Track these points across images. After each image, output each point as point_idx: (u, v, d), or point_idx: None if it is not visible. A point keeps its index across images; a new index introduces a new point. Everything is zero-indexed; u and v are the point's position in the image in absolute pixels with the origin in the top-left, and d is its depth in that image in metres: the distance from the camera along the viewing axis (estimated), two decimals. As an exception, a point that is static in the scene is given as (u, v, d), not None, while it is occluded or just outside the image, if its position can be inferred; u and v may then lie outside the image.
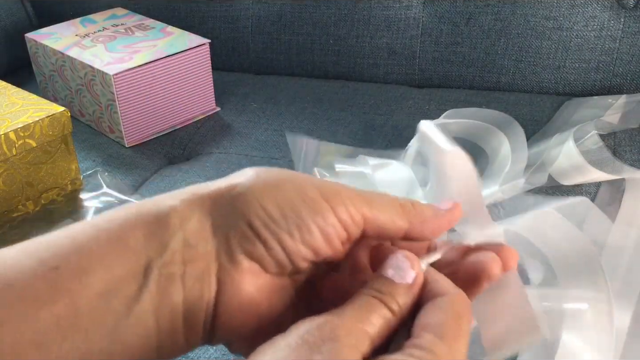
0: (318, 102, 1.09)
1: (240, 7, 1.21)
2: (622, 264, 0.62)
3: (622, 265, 0.62)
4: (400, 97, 1.09)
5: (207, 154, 0.99)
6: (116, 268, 0.32)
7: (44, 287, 0.31)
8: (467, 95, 1.08)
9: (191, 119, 1.07)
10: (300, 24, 1.18)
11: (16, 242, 0.32)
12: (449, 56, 1.11)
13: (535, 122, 0.98)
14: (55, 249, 0.32)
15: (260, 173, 0.35)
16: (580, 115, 0.95)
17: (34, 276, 0.31)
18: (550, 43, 1.06)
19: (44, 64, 1.09)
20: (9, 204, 0.85)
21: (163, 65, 1.00)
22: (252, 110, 1.09)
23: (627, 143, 0.90)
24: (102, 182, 0.91)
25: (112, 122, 1.01)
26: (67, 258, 0.32)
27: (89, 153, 0.99)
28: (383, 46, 1.14)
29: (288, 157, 0.95)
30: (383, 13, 1.13)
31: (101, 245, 0.32)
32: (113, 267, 0.32)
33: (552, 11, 1.05)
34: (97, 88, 0.99)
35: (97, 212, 0.86)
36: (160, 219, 0.34)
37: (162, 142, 1.02)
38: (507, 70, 1.09)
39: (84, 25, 1.12)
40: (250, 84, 1.17)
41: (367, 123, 1.02)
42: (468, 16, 1.09)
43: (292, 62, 1.20)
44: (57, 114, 0.85)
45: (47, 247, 0.32)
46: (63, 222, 0.84)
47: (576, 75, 1.06)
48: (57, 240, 0.32)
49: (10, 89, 0.92)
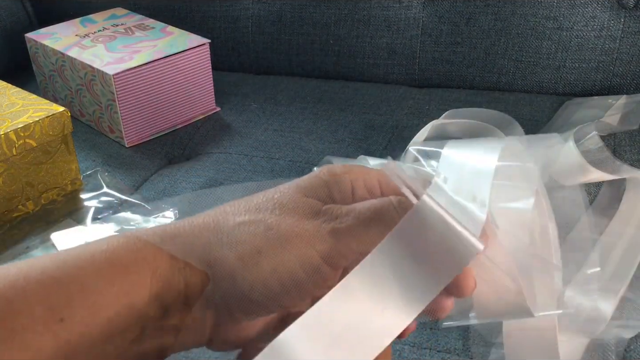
0: (318, 102, 1.09)
1: (240, 7, 1.21)
2: (614, 259, 0.62)
3: (614, 261, 0.62)
4: (400, 97, 1.09)
5: (207, 154, 0.99)
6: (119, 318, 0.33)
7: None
8: (467, 95, 1.08)
9: (191, 119, 1.07)
10: (300, 24, 1.18)
11: (16, 242, 0.32)
12: (449, 56, 1.11)
13: (535, 122, 0.98)
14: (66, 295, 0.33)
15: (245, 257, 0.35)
16: (580, 115, 0.95)
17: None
18: (550, 43, 1.06)
19: (44, 64, 1.09)
20: (9, 204, 0.85)
21: (163, 65, 1.00)
22: (252, 110, 1.09)
23: (627, 143, 0.90)
24: (102, 182, 0.91)
25: (112, 122, 1.01)
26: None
27: (89, 153, 0.99)
28: (383, 46, 1.14)
29: (288, 157, 0.95)
30: (383, 13, 1.13)
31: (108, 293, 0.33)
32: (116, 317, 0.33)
33: (552, 11, 1.05)
34: (97, 88, 0.99)
35: (97, 212, 0.86)
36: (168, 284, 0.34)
37: (162, 142, 1.02)
38: (507, 70, 1.09)
39: (84, 25, 1.12)
40: (250, 84, 1.17)
41: (367, 123, 1.02)
42: (468, 16, 1.09)
43: (292, 62, 1.20)
44: (57, 114, 0.85)
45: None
46: (63, 222, 0.84)
47: (576, 75, 1.06)
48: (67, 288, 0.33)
49: (10, 89, 0.92)
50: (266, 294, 0.33)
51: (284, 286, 0.33)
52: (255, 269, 0.33)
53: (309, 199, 0.35)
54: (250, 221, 0.35)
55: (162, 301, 0.34)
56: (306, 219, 0.34)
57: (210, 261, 0.34)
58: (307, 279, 0.33)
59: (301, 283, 0.33)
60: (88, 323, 0.32)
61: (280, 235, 0.34)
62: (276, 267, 0.33)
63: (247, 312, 0.34)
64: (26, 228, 0.83)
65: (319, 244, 0.34)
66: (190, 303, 0.34)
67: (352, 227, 0.34)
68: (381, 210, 0.34)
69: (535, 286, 0.38)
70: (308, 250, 0.34)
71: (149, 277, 0.34)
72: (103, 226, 0.82)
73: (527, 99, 1.05)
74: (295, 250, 0.34)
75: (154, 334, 0.34)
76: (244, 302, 0.34)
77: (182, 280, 0.34)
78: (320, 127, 1.02)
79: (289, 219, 0.34)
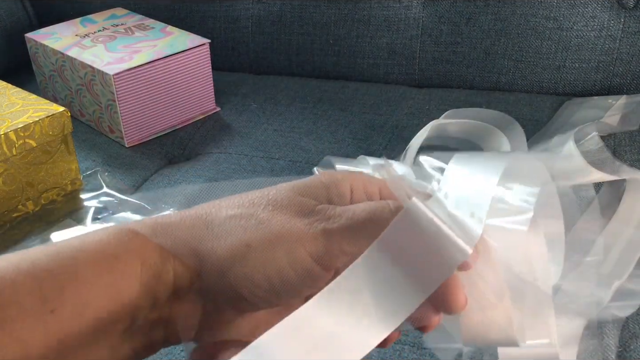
0: (318, 102, 1.09)
1: (240, 7, 1.21)
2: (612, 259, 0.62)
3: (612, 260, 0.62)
4: (400, 97, 1.09)
5: (207, 154, 0.99)
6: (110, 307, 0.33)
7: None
8: (467, 95, 1.08)
9: (191, 119, 1.07)
10: (300, 24, 1.18)
11: (16, 242, 0.32)
12: (449, 56, 1.11)
13: (535, 122, 0.98)
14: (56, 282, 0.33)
15: (252, 243, 0.34)
16: (580, 115, 0.96)
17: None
18: (550, 43, 1.06)
19: (44, 64, 1.09)
20: (9, 204, 0.85)
21: (163, 65, 1.00)
22: (252, 110, 1.09)
23: (627, 143, 0.90)
24: (102, 182, 0.91)
25: (112, 122, 1.01)
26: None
27: (89, 153, 0.99)
28: (383, 46, 1.14)
29: (288, 158, 0.95)
30: (383, 13, 1.13)
31: (99, 286, 0.33)
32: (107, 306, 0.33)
33: (552, 11, 1.05)
34: (97, 88, 0.99)
35: (97, 212, 0.86)
36: (158, 275, 0.34)
37: (162, 142, 1.02)
38: (507, 70, 1.09)
39: (84, 25, 1.12)
40: (250, 84, 1.17)
41: (367, 123, 1.02)
42: (468, 16, 1.09)
43: (292, 62, 1.20)
44: (57, 114, 0.85)
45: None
46: (63, 222, 0.84)
47: (576, 75, 1.06)
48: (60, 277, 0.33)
49: (10, 89, 0.92)
50: (253, 290, 0.33)
51: (271, 283, 0.33)
52: (244, 263, 0.33)
53: (304, 198, 0.35)
54: (242, 215, 0.35)
55: (152, 292, 0.34)
56: (298, 217, 0.34)
57: (199, 253, 0.34)
58: (296, 278, 0.33)
59: (289, 281, 0.33)
60: (79, 313, 0.32)
61: (270, 231, 0.34)
62: (265, 263, 0.33)
63: (235, 307, 0.34)
64: (26, 228, 0.83)
65: (309, 243, 0.33)
66: (179, 295, 0.34)
67: (345, 228, 0.33)
68: (376, 212, 0.33)
69: (526, 315, 0.37)
70: (298, 249, 0.33)
71: (139, 267, 0.33)
72: (103, 226, 0.82)
73: (527, 99, 1.05)
74: (285, 247, 0.33)
75: (144, 326, 0.34)
76: (232, 297, 0.33)
77: (171, 272, 0.34)
78: (320, 127, 1.02)
79: (281, 216, 0.34)
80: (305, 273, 0.33)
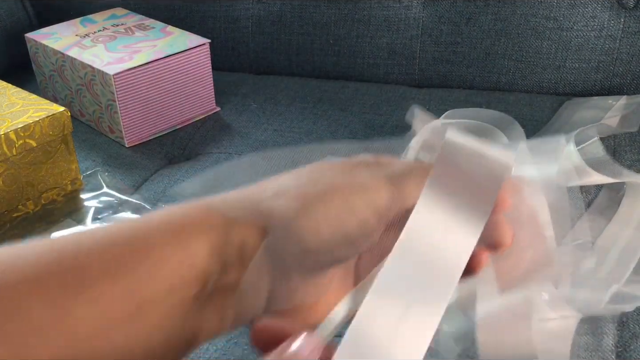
0: (318, 102, 1.09)
1: (240, 7, 1.21)
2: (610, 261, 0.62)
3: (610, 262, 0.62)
4: (400, 97, 1.09)
5: (207, 154, 0.99)
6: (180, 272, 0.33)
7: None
8: (467, 95, 1.08)
9: (191, 119, 1.07)
10: (300, 24, 1.18)
11: (16, 242, 0.33)
12: (449, 56, 1.11)
13: (535, 122, 0.98)
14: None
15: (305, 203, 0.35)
16: (580, 115, 0.96)
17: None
18: (550, 43, 1.06)
19: (44, 64, 1.09)
20: (9, 204, 0.85)
21: (163, 65, 1.00)
22: (252, 110, 1.09)
23: (626, 144, 0.90)
24: (102, 182, 0.91)
25: (112, 122, 1.01)
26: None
27: (89, 153, 0.99)
28: (383, 46, 1.14)
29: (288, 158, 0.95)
30: (383, 13, 1.13)
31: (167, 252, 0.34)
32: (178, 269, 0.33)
33: (552, 11, 1.05)
34: (97, 88, 0.99)
35: (97, 212, 0.86)
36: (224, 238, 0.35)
37: (162, 142, 1.02)
38: (507, 70, 1.09)
39: (84, 25, 1.12)
40: (250, 84, 1.17)
41: (367, 123, 1.02)
42: (468, 16, 1.09)
43: (292, 62, 1.20)
44: (57, 114, 0.85)
45: None
46: (63, 222, 0.84)
47: (576, 75, 1.06)
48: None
49: (10, 89, 0.92)
50: (317, 242, 0.33)
51: (333, 235, 0.33)
52: (309, 214, 0.33)
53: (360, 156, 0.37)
54: (298, 175, 0.36)
55: (220, 254, 0.34)
56: (363, 169, 0.36)
57: (263, 212, 0.34)
58: (376, 224, 0.34)
59: (370, 228, 0.34)
60: (153, 275, 0.33)
61: (342, 183, 0.34)
62: (328, 213, 0.33)
63: (301, 266, 0.34)
64: (26, 228, 0.83)
65: (382, 190, 0.34)
66: (246, 262, 0.35)
67: (404, 172, 0.35)
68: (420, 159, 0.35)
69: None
70: (373, 196, 0.34)
71: (206, 231, 0.34)
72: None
73: (527, 99, 1.05)
74: (361, 195, 0.34)
75: (215, 295, 0.34)
76: (297, 252, 0.34)
77: (237, 235, 0.34)
78: (320, 127, 1.02)
79: (344, 175, 0.35)
80: (381, 219, 0.34)
